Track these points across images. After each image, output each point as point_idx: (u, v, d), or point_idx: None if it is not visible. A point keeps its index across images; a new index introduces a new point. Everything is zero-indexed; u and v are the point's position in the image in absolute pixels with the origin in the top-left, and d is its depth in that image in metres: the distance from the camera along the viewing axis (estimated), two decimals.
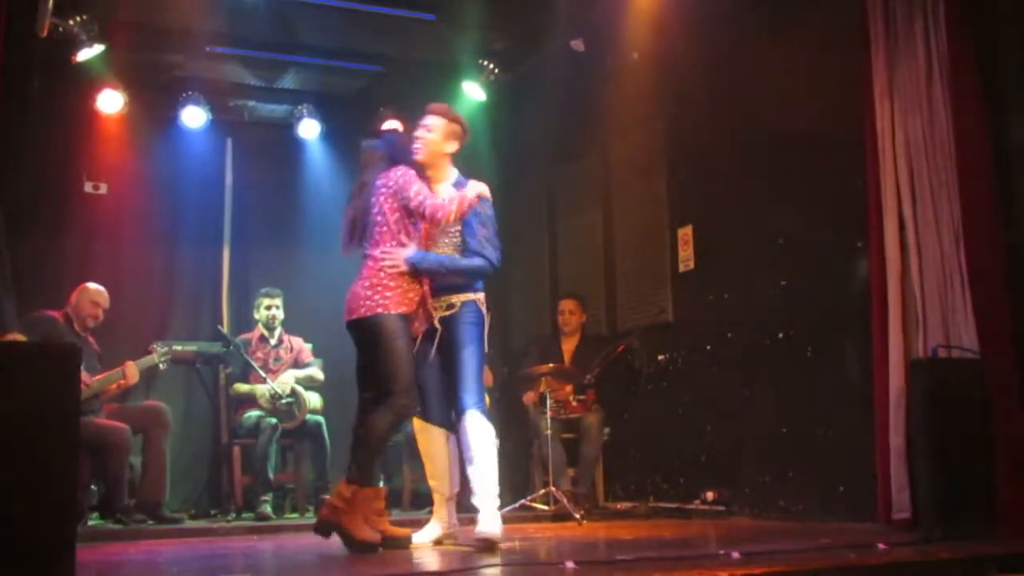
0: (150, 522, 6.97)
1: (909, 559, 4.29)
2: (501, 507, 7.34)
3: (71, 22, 7.41)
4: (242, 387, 7.94)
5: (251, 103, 9.50)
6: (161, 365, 7.52)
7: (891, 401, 5.19)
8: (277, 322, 8.23)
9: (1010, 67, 5.49)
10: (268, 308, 8.20)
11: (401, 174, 5.44)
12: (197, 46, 8.46)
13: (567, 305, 8.41)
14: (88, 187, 8.70)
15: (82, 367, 6.77)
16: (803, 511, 5.29)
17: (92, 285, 7.35)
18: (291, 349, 8.27)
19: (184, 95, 8.84)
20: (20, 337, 6.60)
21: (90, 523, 6.87)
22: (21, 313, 7.20)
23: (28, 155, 7.89)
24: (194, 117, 8.90)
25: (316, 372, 8.20)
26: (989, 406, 5.12)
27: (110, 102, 8.47)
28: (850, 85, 5.92)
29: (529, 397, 8.05)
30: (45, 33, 7.09)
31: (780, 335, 6.61)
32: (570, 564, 4.03)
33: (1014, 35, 5.49)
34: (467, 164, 9.88)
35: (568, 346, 8.28)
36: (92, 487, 7.01)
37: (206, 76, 8.94)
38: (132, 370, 7.26)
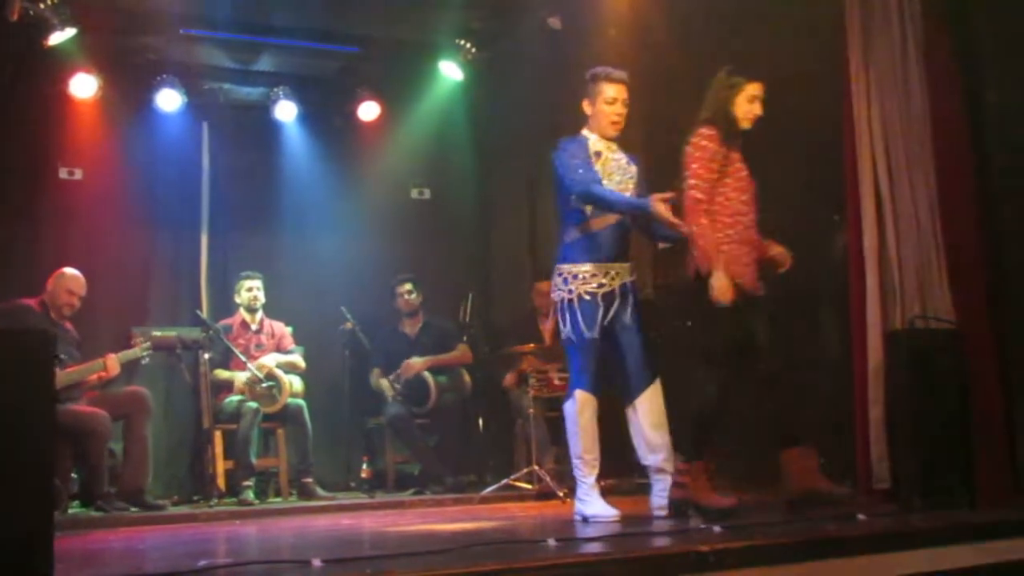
0: (132, 509, 6.96)
1: (888, 530, 4.33)
2: (485, 487, 7.43)
3: (42, 5, 7.34)
4: (222, 373, 7.95)
5: (227, 86, 9.41)
6: (144, 359, 7.49)
7: (870, 372, 5.21)
8: (259, 304, 8.24)
9: (985, 44, 5.52)
10: (249, 290, 8.22)
11: None
12: (171, 28, 8.41)
13: (544, 287, 8.40)
14: (63, 173, 8.62)
15: (62, 355, 6.83)
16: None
17: (68, 271, 7.31)
18: (273, 335, 8.27)
19: (159, 78, 8.74)
20: None
21: (71, 511, 6.85)
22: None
23: (2, 143, 7.83)
24: (169, 100, 8.81)
25: (298, 359, 8.20)
26: (966, 375, 5.16)
27: (83, 86, 8.38)
28: (827, 62, 5.92)
29: (509, 379, 8.07)
30: (15, 17, 7.04)
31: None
32: (552, 541, 4.06)
33: (988, 12, 5.52)
34: (444, 144, 9.95)
35: (547, 326, 8.30)
36: (73, 475, 6.98)
37: (181, 59, 8.88)
38: (113, 362, 7.22)
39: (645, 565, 3.65)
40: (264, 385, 7.79)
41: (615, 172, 5.31)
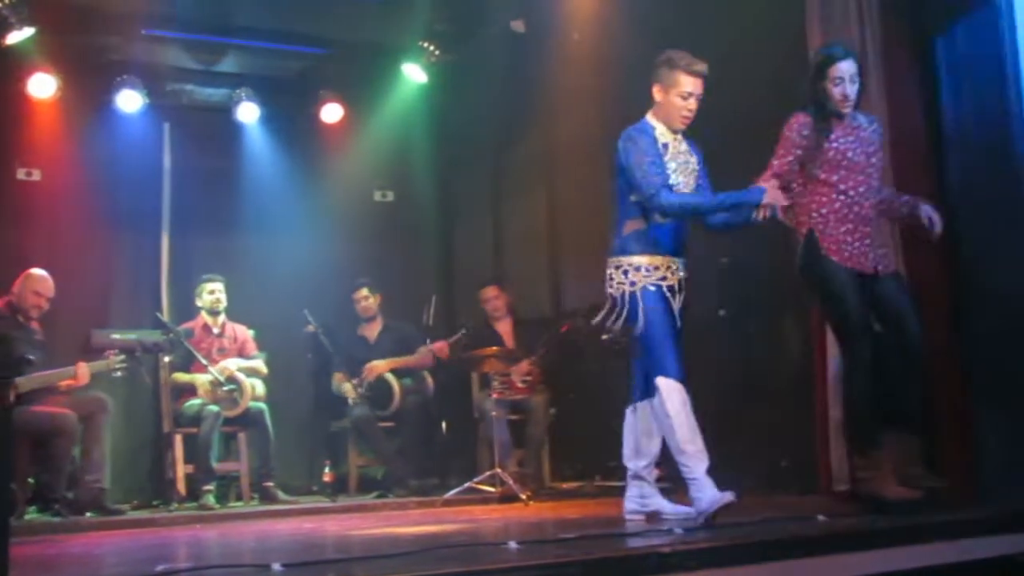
0: (90, 514, 6.89)
1: (848, 530, 4.35)
2: (448, 490, 7.42)
3: (0, 5, 7.27)
4: (182, 377, 7.88)
5: (189, 87, 9.36)
6: (117, 372, 7.42)
7: (830, 374, 5.25)
8: (221, 307, 8.19)
9: (942, 44, 5.57)
10: (211, 292, 8.17)
11: None
12: (132, 28, 8.35)
13: (489, 293, 8.43)
14: (21, 174, 8.54)
15: (28, 355, 6.78)
16: (747, 485, 5.34)
17: (36, 272, 7.24)
18: (235, 339, 8.22)
19: (119, 79, 8.66)
20: None
21: (27, 516, 6.76)
22: None
23: None
24: (130, 101, 8.73)
25: (260, 365, 8.15)
26: (927, 375, 5.20)
27: (42, 86, 8.30)
28: (789, 64, 5.95)
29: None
30: None
31: (722, 312, 6.65)
32: (513, 544, 4.06)
33: (946, 13, 5.57)
34: (408, 146, 9.94)
35: (504, 328, 8.31)
36: (30, 479, 6.90)
37: (142, 59, 8.80)
38: (84, 371, 7.14)
39: (607, 567, 3.65)
40: (225, 388, 7.74)
41: (681, 167, 5.04)
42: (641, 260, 4.93)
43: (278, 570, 3.66)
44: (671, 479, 6.92)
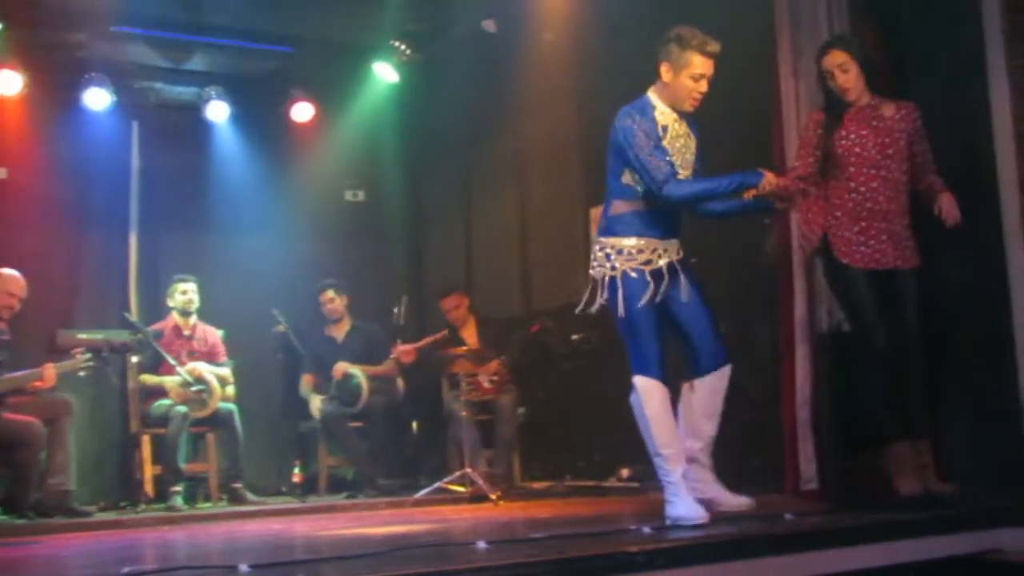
0: (57, 516, 6.84)
1: (814, 529, 4.39)
2: (418, 490, 7.42)
3: None
4: (150, 378, 7.82)
5: (158, 85, 9.31)
6: (82, 372, 7.37)
7: (798, 375, 5.27)
8: (193, 307, 8.15)
9: (911, 47, 5.61)
10: (184, 293, 8.12)
11: None
12: (100, 25, 8.30)
13: (449, 303, 8.36)
14: None
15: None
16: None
17: (7, 272, 7.19)
18: (206, 342, 8.17)
19: (87, 76, 8.63)
20: None
21: None
22: None
23: None
24: (98, 99, 8.69)
25: (227, 374, 8.10)
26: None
27: (8, 83, 8.24)
28: (758, 67, 5.98)
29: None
30: None
31: None
32: (483, 544, 4.06)
33: (915, 16, 5.61)
34: (379, 146, 9.94)
35: (469, 333, 8.27)
36: None
37: (110, 57, 8.76)
38: (51, 373, 7.07)
39: (575, 567, 3.67)
40: (195, 389, 7.71)
41: (682, 151, 4.76)
42: (625, 243, 4.71)
43: (245, 571, 3.65)
44: (642, 478, 7.02)
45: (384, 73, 9.34)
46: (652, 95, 4.81)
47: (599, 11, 7.67)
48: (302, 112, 9.44)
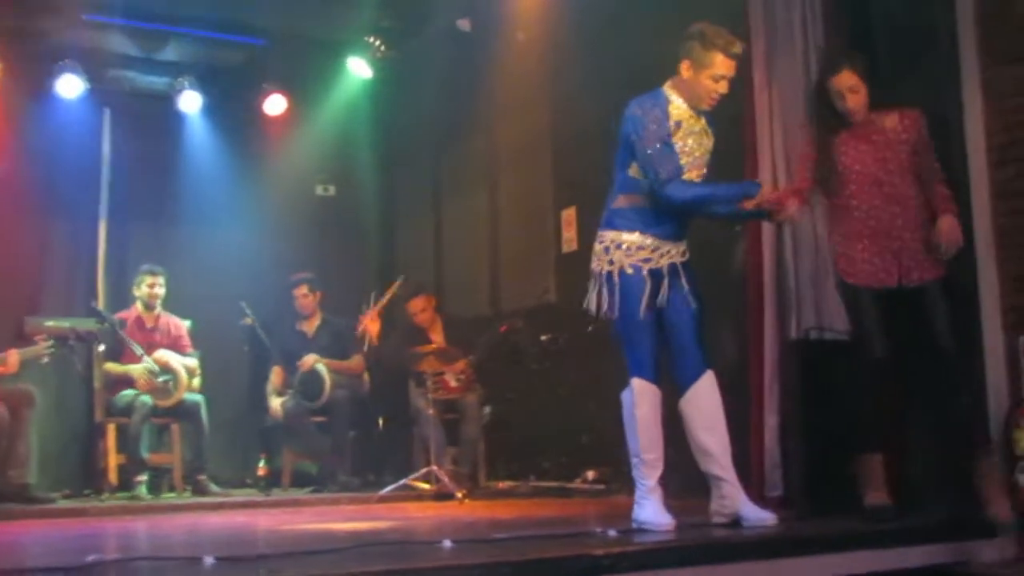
0: (18, 504, 6.78)
1: (777, 536, 4.40)
2: (383, 486, 7.40)
3: None
4: (116, 368, 7.76)
5: (130, 74, 9.26)
6: (45, 358, 7.31)
7: (766, 381, 5.28)
8: (157, 301, 8.08)
9: (885, 56, 5.64)
10: (151, 286, 8.04)
11: None
12: (73, 13, 8.24)
13: (416, 306, 8.25)
14: None
15: None
16: (681, 490, 5.36)
17: None
18: (169, 333, 8.11)
19: (59, 63, 8.58)
20: None
21: None
22: None
23: None
24: (70, 87, 8.66)
25: (194, 365, 8.04)
26: (859, 385, 5.26)
27: None
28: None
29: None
30: None
31: None
32: (448, 542, 4.05)
33: (885, 25, 5.64)
34: (351, 141, 9.92)
35: (436, 333, 8.22)
36: None
37: (83, 45, 8.70)
38: (14, 359, 7.02)
39: (539, 568, 3.67)
40: (161, 379, 7.66)
41: (694, 150, 4.58)
42: (625, 237, 4.52)
43: (211, 563, 3.63)
44: (608, 480, 7.04)
45: (358, 69, 9.33)
46: (668, 89, 4.60)
47: (573, 13, 7.69)
48: (275, 105, 9.41)
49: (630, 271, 4.49)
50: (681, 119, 4.54)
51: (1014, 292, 5.08)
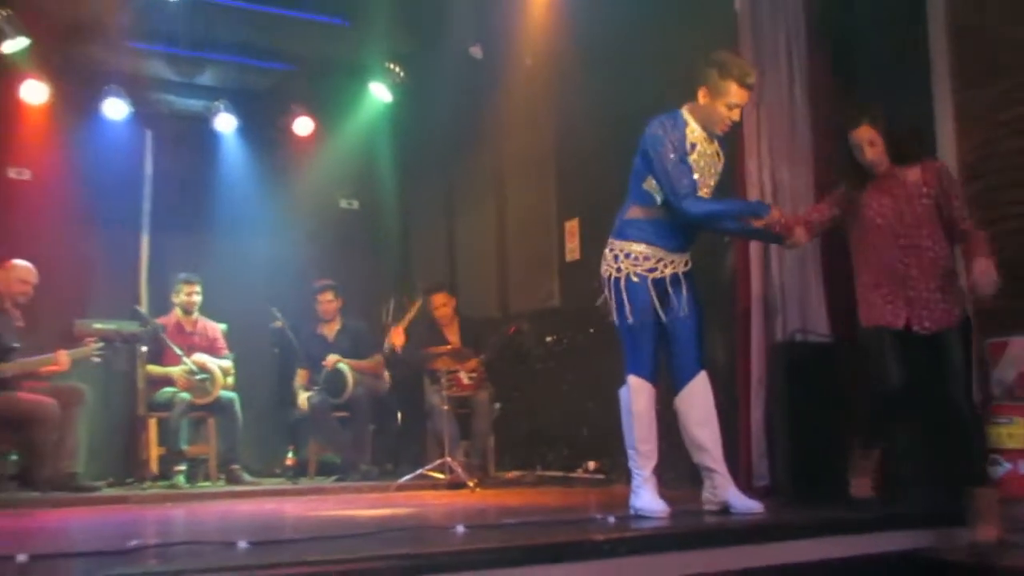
0: (67, 491, 6.77)
1: (762, 522, 4.37)
2: (401, 476, 7.37)
3: None
4: (156, 369, 7.75)
5: (170, 97, 9.27)
6: (95, 359, 7.31)
7: (752, 380, 5.27)
8: (195, 308, 8.08)
9: (863, 75, 5.62)
10: (188, 294, 8.04)
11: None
12: (119, 42, 8.26)
13: (438, 300, 8.29)
14: (12, 172, 8.46)
15: (12, 344, 6.66)
16: (674, 479, 5.34)
17: (19, 262, 7.11)
18: (206, 337, 8.10)
19: (106, 88, 8.61)
20: None
21: (8, 493, 6.62)
22: None
23: None
24: (116, 109, 8.70)
25: (229, 366, 8.01)
26: (839, 384, 5.24)
27: (34, 93, 8.23)
28: None
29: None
30: None
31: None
32: (461, 528, 4.03)
33: (866, 46, 5.62)
34: (372, 159, 9.92)
35: (451, 332, 8.22)
36: (12, 458, 6.77)
37: (127, 70, 8.73)
38: (64, 359, 7.01)
39: (545, 552, 3.64)
40: (198, 378, 7.65)
41: (705, 171, 4.54)
42: (634, 247, 4.51)
43: (244, 547, 3.62)
44: (607, 470, 7.01)
45: (379, 92, 9.32)
46: (686, 113, 4.56)
47: (576, 42, 7.68)
48: (303, 126, 9.42)
49: (636, 279, 4.49)
50: (696, 142, 4.51)
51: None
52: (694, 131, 4.51)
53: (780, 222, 4.63)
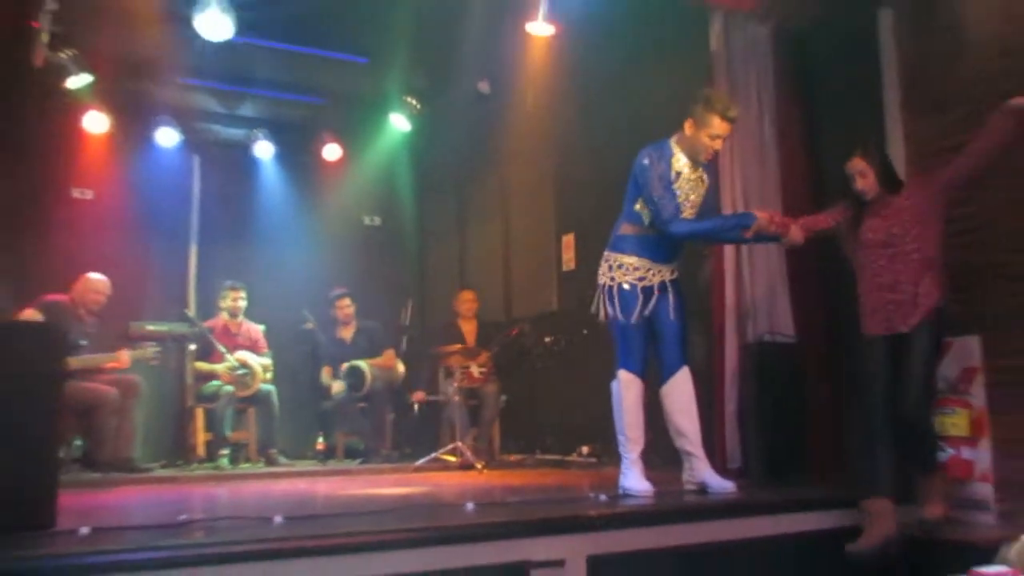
0: (124, 472, 6.77)
1: (737, 500, 4.38)
2: (417, 459, 7.37)
3: (62, 55, 7.17)
4: (203, 366, 7.76)
5: (215, 127, 9.30)
6: (153, 361, 7.32)
7: (727, 376, 5.27)
8: (240, 312, 8.07)
9: (824, 109, 5.63)
10: (234, 299, 8.04)
11: None
12: (170, 78, 8.27)
13: (468, 295, 8.40)
14: (76, 193, 8.47)
15: (81, 341, 6.68)
16: (660, 463, 5.34)
17: (94, 276, 7.13)
18: (249, 337, 8.10)
19: (159, 118, 8.64)
20: (36, 315, 6.45)
21: (73, 474, 6.63)
22: (26, 297, 6.97)
23: (25, 165, 7.64)
24: (167, 137, 8.72)
25: (268, 363, 7.99)
26: (803, 379, 5.24)
27: (96, 123, 8.24)
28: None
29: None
30: (41, 63, 6.87)
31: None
32: (470, 505, 4.04)
33: (827, 83, 5.63)
34: (392, 181, 9.94)
35: (468, 328, 8.27)
36: (77, 442, 6.77)
37: (178, 103, 8.74)
38: (125, 357, 7.03)
39: (546, 524, 3.65)
40: (240, 373, 7.66)
41: (689, 195, 4.58)
42: (625, 259, 4.59)
43: (280, 522, 3.63)
44: (599, 454, 7.00)
45: (398, 123, 9.32)
46: (673, 143, 4.58)
47: (573, 80, 7.68)
48: (331, 152, 9.44)
49: (627, 286, 4.56)
50: (681, 171, 4.54)
51: None
52: (679, 160, 4.53)
53: (774, 223, 4.55)
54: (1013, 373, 4.63)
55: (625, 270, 4.58)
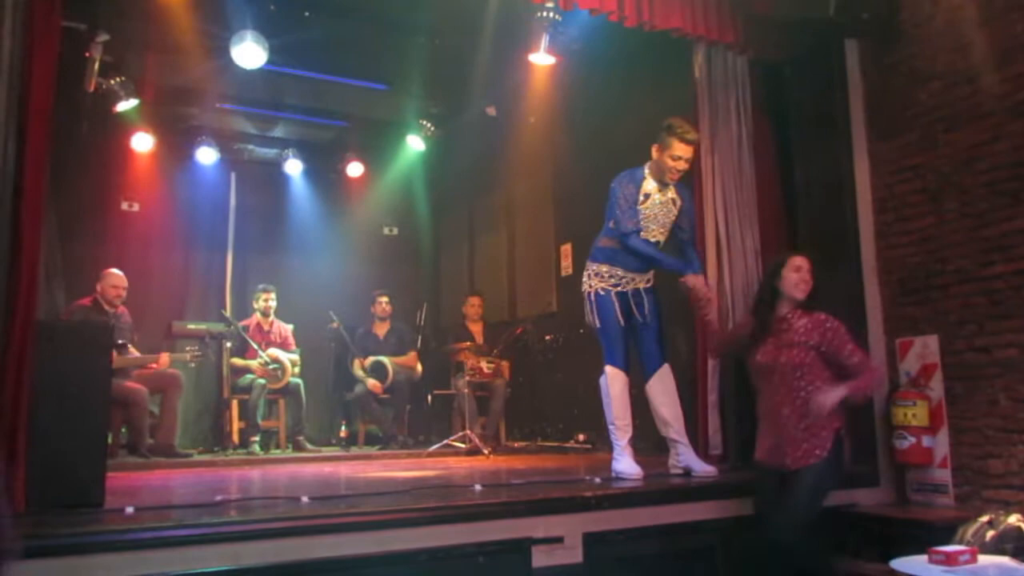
0: (166, 457, 6.78)
1: (717, 482, 4.37)
2: (430, 445, 7.37)
3: (112, 81, 7.17)
4: (239, 361, 7.76)
5: (250, 146, 9.30)
6: (192, 364, 7.32)
7: (709, 371, 5.25)
8: (271, 311, 8.07)
9: (796, 131, 5.63)
10: (266, 300, 8.03)
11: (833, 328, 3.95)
12: (209, 103, 8.29)
13: (476, 300, 8.43)
14: (124, 206, 8.50)
15: (121, 340, 6.67)
16: (647, 448, 5.34)
17: (111, 270, 7.07)
18: (280, 335, 8.10)
19: (199, 139, 8.64)
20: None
21: (119, 458, 6.63)
22: (67, 302, 6.99)
23: (79, 182, 7.69)
24: (207, 156, 8.71)
25: (297, 359, 7.97)
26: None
27: (142, 143, 8.25)
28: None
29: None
30: (92, 89, 6.90)
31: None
32: (478, 486, 4.04)
33: (799, 109, 5.63)
34: (408, 195, 9.94)
35: (476, 329, 8.29)
36: (122, 430, 6.78)
37: (216, 125, 8.75)
38: (166, 359, 7.03)
39: (546, 504, 3.65)
40: (271, 367, 7.66)
41: (659, 215, 4.59)
42: (602, 268, 4.62)
43: (307, 502, 3.63)
44: (594, 441, 6.99)
45: (414, 143, 9.32)
46: (646, 168, 4.63)
47: (570, 105, 7.69)
48: (354, 169, 9.44)
49: (603, 292, 4.61)
50: (650, 193, 4.59)
51: (891, 306, 5.08)
52: (649, 183, 4.60)
53: (699, 298, 4.51)
54: (967, 368, 4.63)
55: (601, 277, 4.63)
